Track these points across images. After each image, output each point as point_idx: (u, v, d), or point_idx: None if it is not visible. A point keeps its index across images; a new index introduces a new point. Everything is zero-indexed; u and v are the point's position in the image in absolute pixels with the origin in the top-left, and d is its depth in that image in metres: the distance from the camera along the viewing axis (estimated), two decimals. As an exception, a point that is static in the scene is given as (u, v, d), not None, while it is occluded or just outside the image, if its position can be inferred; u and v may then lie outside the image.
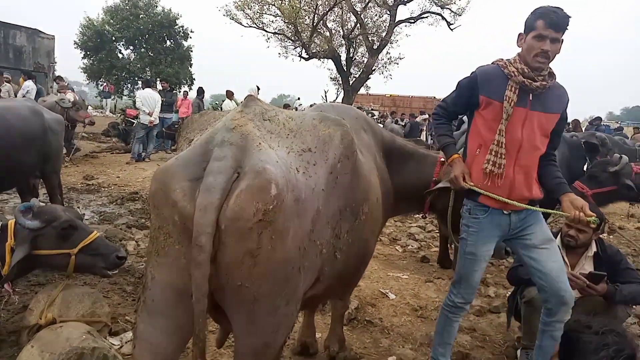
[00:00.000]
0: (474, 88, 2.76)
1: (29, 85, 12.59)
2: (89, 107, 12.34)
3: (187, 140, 2.34)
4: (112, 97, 31.39)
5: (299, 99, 27.79)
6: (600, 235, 3.72)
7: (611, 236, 7.22)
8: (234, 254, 1.75)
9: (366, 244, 2.67)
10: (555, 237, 3.55)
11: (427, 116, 21.93)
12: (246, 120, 2.02)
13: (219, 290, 1.86)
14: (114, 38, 32.24)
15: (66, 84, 16.61)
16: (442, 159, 3.16)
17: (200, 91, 15.94)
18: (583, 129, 15.15)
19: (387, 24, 22.54)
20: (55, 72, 26.22)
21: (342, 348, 3.37)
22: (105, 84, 18.88)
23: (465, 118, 3.19)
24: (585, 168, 5.95)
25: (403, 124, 20.13)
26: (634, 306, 3.81)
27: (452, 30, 22.84)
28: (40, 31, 24.53)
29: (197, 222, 1.69)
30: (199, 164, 1.83)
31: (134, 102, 15.59)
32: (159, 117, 12.31)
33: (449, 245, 5.84)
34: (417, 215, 5.62)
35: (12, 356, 2.98)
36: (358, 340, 3.72)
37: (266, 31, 23.41)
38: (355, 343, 3.67)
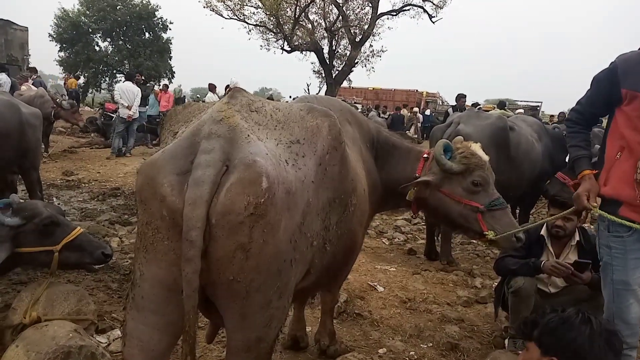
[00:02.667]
0: (613, 81, 2.39)
1: (1, 78, 12.11)
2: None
3: (171, 132, 2.24)
4: (90, 90, 30.70)
5: (290, 97, 27.47)
6: (583, 225, 3.79)
7: (592, 226, 7.38)
8: (225, 248, 1.73)
9: (354, 235, 2.64)
10: (541, 229, 3.61)
11: (417, 110, 22.02)
12: (233, 111, 1.98)
13: (210, 285, 1.83)
14: (90, 30, 31.57)
15: (36, 76, 16.11)
16: (426, 155, 3.03)
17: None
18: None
19: (370, 17, 22.54)
20: (29, 65, 25.49)
21: (333, 341, 3.36)
22: (65, 75, 18.27)
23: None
24: (567, 159, 6.07)
25: (386, 116, 20.23)
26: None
27: (433, 23, 22.98)
28: (12, 22, 23.74)
29: (187, 217, 1.66)
30: (186, 157, 1.79)
31: (112, 95, 15.20)
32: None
33: (435, 237, 5.90)
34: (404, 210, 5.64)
35: (-5, 357, 2.90)
36: (348, 333, 3.73)
37: (247, 23, 23.19)
38: (345, 336, 3.67)
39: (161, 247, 1.80)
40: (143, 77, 15.21)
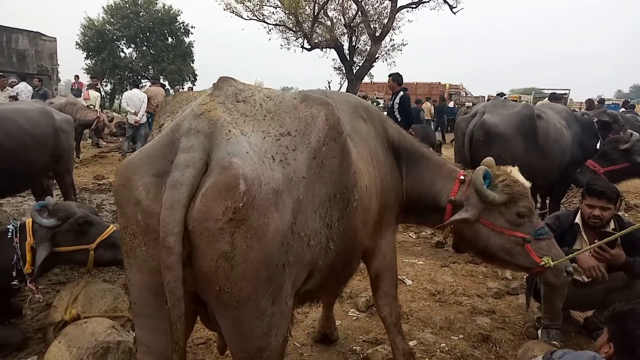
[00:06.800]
0: None
1: (20, 87, 12.51)
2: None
3: (157, 126, 2.10)
4: (117, 96, 31.39)
5: None
6: (617, 213, 3.68)
7: (627, 214, 7.17)
8: (207, 257, 1.61)
9: (356, 234, 2.33)
10: (574, 217, 3.53)
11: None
12: (216, 104, 1.85)
13: (201, 294, 1.74)
14: (115, 37, 32.37)
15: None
16: (462, 177, 2.78)
17: None
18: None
19: (389, 11, 22.30)
20: (58, 74, 26.34)
21: None
22: (74, 81, 18.63)
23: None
24: (598, 146, 5.90)
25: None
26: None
27: (454, 13, 22.54)
28: (42, 34, 24.60)
29: (163, 222, 1.55)
30: (165, 156, 1.68)
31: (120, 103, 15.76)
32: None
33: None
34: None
35: (40, 352, 3.04)
36: (377, 326, 3.73)
37: (267, 23, 23.27)
38: (375, 329, 3.68)
39: (140, 254, 1.71)
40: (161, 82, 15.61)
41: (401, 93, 7.88)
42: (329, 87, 24.28)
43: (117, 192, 1.75)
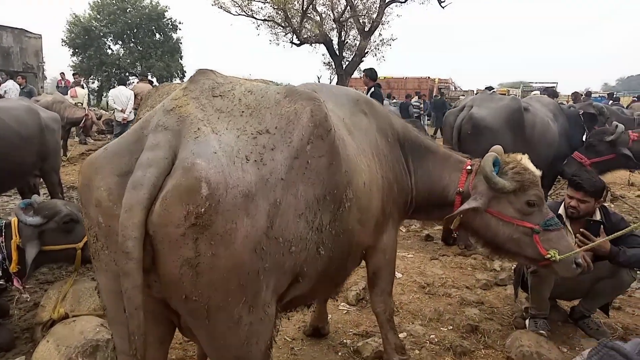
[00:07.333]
0: None
1: (7, 85, 12.46)
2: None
3: (137, 121, 2.00)
4: (105, 94, 31.05)
5: None
6: (603, 203, 3.73)
7: (612, 204, 7.27)
8: (169, 263, 1.53)
9: (352, 235, 2.21)
10: (559, 208, 3.57)
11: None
12: (189, 99, 1.75)
13: (170, 302, 1.67)
14: (101, 34, 31.95)
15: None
16: (469, 167, 2.74)
17: None
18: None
19: (378, 5, 22.28)
20: (44, 72, 25.98)
21: (404, 356, 2.95)
22: (60, 78, 18.47)
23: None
24: (584, 138, 5.97)
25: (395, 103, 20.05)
26: (638, 271, 3.84)
27: (443, 8, 22.58)
28: (26, 31, 24.20)
29: (122, 225, 1.47)
30: (131, 155, 1.60)
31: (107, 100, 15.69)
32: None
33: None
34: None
35: (27, 352, 3.02)
36: (368, 319, 3.76)
37: (255, 18, 23.14)
38: (365, 322, 3.71)
39: (103, 257, 1.65)
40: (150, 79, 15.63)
41: (373, 89, 7.92)
42: (319, 82, 24.18)
43: (80, 191, 1.68)
